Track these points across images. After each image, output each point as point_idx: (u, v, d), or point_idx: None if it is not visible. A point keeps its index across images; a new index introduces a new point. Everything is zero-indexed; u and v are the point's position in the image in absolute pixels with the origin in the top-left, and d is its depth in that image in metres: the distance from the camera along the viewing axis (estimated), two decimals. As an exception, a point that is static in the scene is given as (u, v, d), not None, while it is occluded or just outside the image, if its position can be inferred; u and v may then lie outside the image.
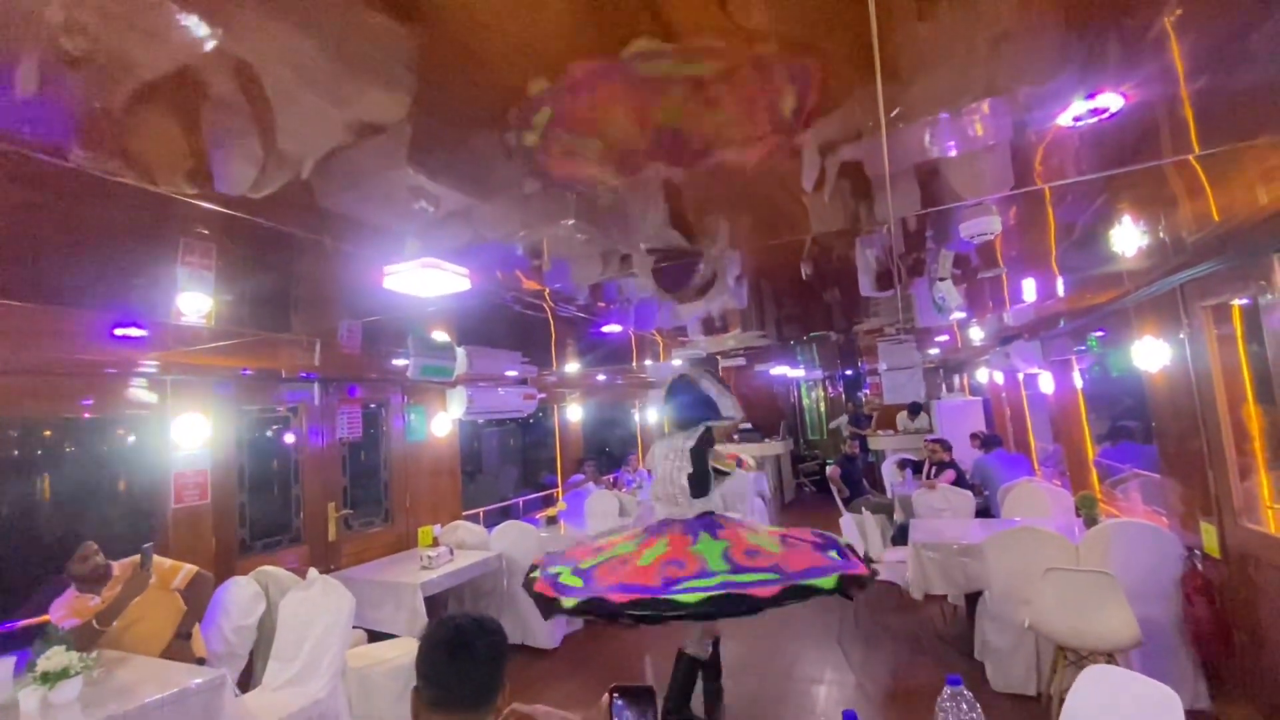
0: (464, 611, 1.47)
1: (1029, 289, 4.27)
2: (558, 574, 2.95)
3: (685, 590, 2.55)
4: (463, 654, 1.33)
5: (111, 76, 1.24)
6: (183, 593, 3.26)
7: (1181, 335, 3.32)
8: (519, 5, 1.14)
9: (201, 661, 3.21)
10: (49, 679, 2.37)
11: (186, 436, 3.88)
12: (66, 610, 2.97)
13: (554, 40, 1.25)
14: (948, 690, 1.49)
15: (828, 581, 2.63)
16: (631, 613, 2.56)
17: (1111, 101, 1.42)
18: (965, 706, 1.47)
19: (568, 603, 2.69)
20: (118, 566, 3.16)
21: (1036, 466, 7.20)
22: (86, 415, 3.58)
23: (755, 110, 1.52)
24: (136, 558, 3.16)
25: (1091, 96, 1.41)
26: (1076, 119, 1.51)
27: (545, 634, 4.68)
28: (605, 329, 4.88)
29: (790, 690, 3.93)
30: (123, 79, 1.25)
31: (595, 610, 2.66)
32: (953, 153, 1.81)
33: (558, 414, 8.16)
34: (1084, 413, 5.66)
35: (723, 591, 2.52)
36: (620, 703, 1.33)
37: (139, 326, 2.90)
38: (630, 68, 1.33)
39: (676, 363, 7.75)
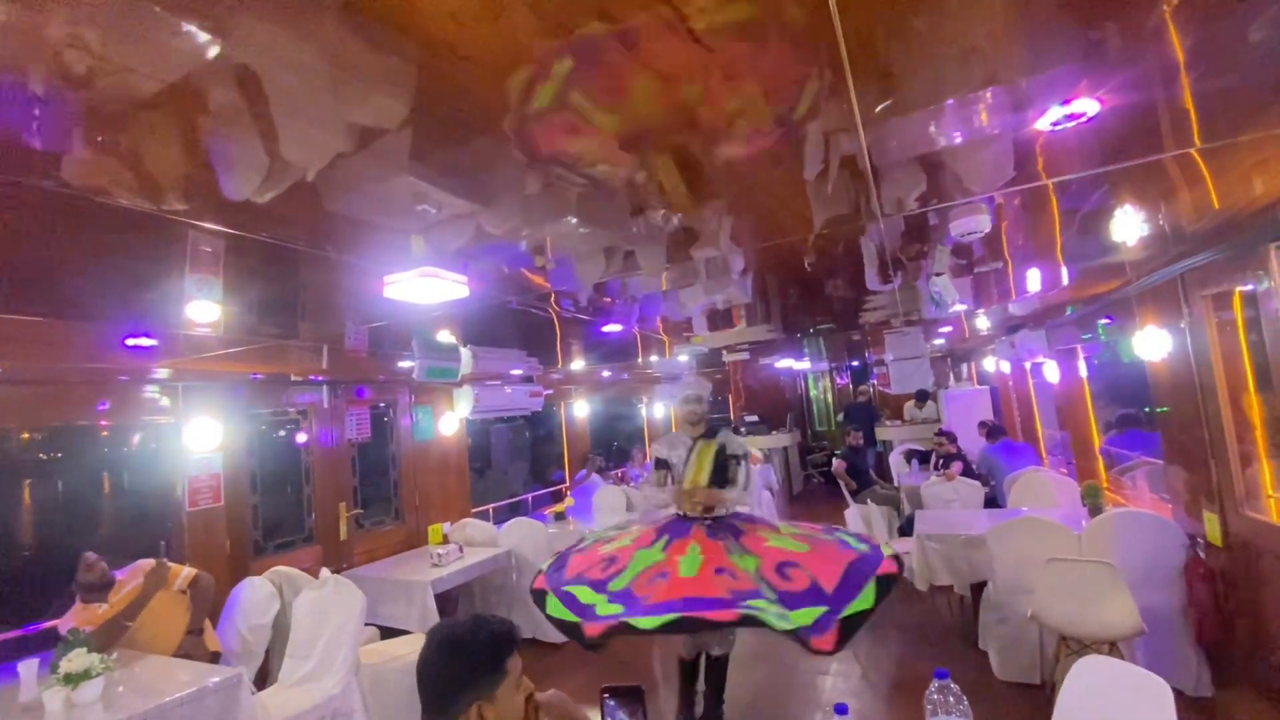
0: (462, 618, 1.39)
1: (1033, 279, 4.26)
2: (586, 602, 2.70)
3: (761, 611, 2.39)
4: (422, 666, 1.32)
5: (104, 108, 1.29)
6: (185, 593, 3.36)
7: (1182, 324, 3.31)
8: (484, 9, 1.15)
9: (216, 655, 3.31)
10: (72, 680, 2.46)
11: (199, 441, 3.96)
12: (76, 622, 3.07)
13: (514, 40, 1.26)
14: (935, 684, 1.53)
15: (867, 600, 2.46)
16: (724, 623, 2.45)
17: (1088, 107, 1.43)
18: (952, 699, 1.51)
19: (646, 623, 2.43)
20: (127, 572, 3.29)
21: (1044, 455, 7.18)
22: (103, 423, 3.67)
23: (725, 106, 1.53)
24: (151, 561, 3.32)
25: (1066, 103, 1.42)
26: (1054, 124, 1.52)
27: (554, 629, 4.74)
28: (606, 329, 4.91)
29: (796, 681, 3.98)
30: (116, 108, 1.30)
31: (681, 628, 2.49)
32: (932, 153, 1.82)
33: (564, 410, 8.21)
34: (1089, 401, 5.64)
35: (793, 628, 2.34)
36: (612, 703, 1.38)
37: (149, 336, 2.98)
38: (595, 57, 1.33)
39: (683, 358, 7.80)
